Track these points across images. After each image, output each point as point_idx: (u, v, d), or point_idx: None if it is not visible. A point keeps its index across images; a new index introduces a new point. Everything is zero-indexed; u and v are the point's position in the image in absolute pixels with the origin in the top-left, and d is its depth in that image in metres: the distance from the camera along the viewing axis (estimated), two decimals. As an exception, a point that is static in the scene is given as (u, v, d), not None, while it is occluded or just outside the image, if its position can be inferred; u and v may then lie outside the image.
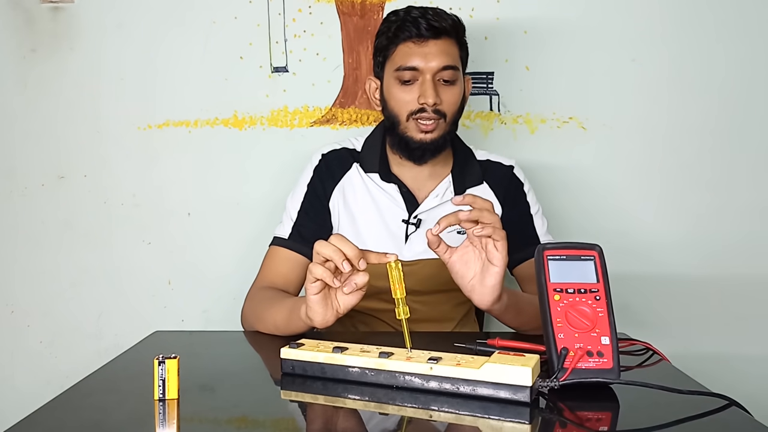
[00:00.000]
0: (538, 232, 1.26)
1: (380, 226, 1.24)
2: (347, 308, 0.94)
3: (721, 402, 0.78)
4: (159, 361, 0.78)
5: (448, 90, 1.19)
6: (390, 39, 1.21)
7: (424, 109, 1.17)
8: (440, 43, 1.18)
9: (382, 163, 1.26)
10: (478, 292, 0.96)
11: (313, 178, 1.27)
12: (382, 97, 1.25)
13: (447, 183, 1.26)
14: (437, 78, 1.18)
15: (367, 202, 1.25)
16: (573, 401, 0.79)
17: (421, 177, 1.26)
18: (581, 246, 0.87)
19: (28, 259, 1.62)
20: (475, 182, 1.27)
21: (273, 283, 1.22)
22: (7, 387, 1.63)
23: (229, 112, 1.59)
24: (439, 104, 1.18)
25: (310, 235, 1.21)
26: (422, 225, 1.23)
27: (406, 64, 1.18)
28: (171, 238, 1.62)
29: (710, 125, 1.57)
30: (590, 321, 0.82)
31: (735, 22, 1.55)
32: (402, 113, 1.20)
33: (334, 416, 0.78)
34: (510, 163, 1.31)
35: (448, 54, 1.18)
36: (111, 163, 1.61)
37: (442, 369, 0.79)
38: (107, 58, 1.58)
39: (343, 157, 1.29)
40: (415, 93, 1.18)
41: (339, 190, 1.26)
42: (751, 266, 1.59)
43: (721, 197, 1.58)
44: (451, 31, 1.19)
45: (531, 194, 1.30)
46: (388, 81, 1.22)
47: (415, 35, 1.17)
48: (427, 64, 1.17)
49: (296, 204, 1.26)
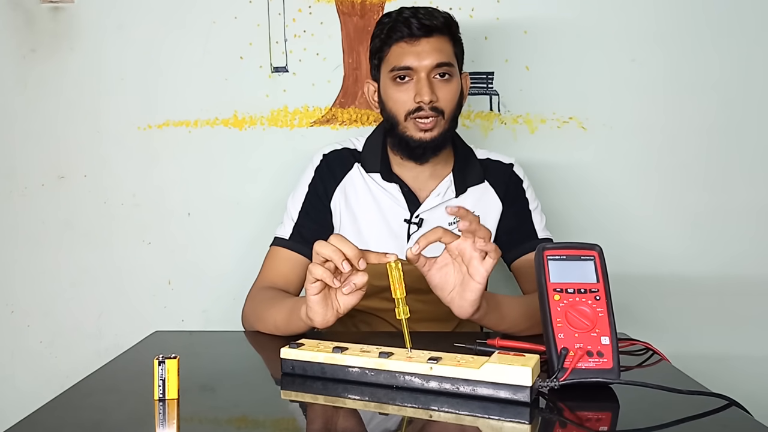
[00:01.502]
0: (537, 228, 1.27)
1: (382, 225, 1.24)
2: (347, 308, 0.94)
3: (721, 402, 0.78)
4: (159, 361, 0.78)
5: (445, 87, 1.19)
6: (383, 41, 1.22)
7: (421, 108, 1.18)
8: (433, 41, 1.19)
9: (383, 163, 1.26)
10: (457, 305, 0.96)
11: (315, 179, 1.27)
12: (380, 99, 1.26)
13: (448, 182, 1.26)
14: (432, 75, 1.18)
15: (369, 202, 1.26)
16: (573, 401, 0.79)
17: (423, 176, 1.26)
18: (581, 246, 0.87)
19: (28, 259, 1.62)
20: (476, 181, 1.28)
21: (273, 284, 1.22)
22: (7, 387, 1.63)
23: (229, 112, 1.59)
24: (436, 101, 1.18)
25: (310, 236, 1.21)
26: (424, 224, 1.23)
27: (400, 64, 1.19)
28: (171, 238, 1.62)
29: (709, 124, 1.57)
30: (590, 321, 0.82)
31: (732, 22, 1.55)
32: (400, 113, 1.20)
33: (334, 416, 0.78)
34: (510, 161, 1.32)
35: (441, 51, 1.19)
36: (111, 163, 1.61)
37: (442, 369, 0.79)
38: (107, 58, 1.58)
39: (344, 157, 1.29)
40: (411, 92, 1.18)
41: (341, 190, 1.26)
42: (751, 266, 1.59)
43: (720, 196, 1.58)
44: (443, 29, 1.20)
45: (530, 191, 1.31)
46: (384, 82, 1.23)
47: (407, 35, 1.18)
48: (421, 63, 1.17)
49: (297, 204, 1.26)
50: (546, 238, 1.27)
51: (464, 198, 1.26)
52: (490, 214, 1.27)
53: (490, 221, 1.26)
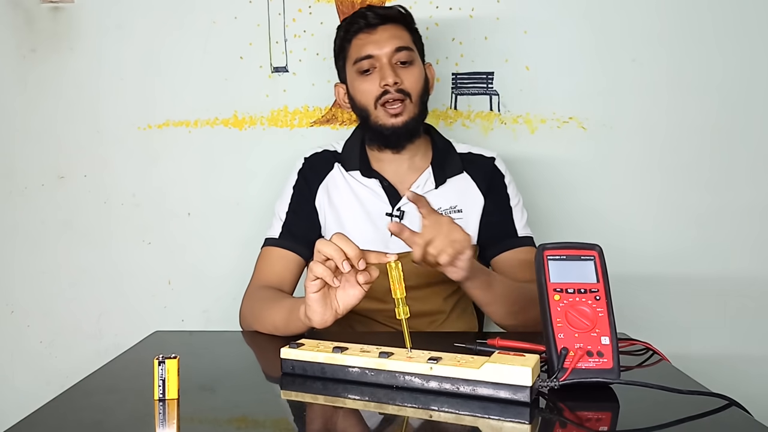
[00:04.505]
0: (517, 225, 1.28)
1: (365, 221, 1.27)
2: (347, 308, 0.94)
3: (721, 402, 0.78)
4: (159, 361, 0.78)
5: (407, 70, 1.24)
6: (343, 38, 1.29)
7: (387, 92, 1.22)
8: (389, 28, 1.25)
9: (362, 161, 1.30)
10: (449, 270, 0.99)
11: (299, 180, 1.31)
12: (350, 98, 1.30)
13: (427, 174, 1.29)
14: (394, 61, 1.24)
15: (351, 199, 1.28)
16: (573, 401, 0.79)
17: (402, 170, 1.29)
18: (581, 246, 0.87)
19: (28, 259, 1.62)
20: (455, 172, 1.30)
21: (268, 282, 1.23)
22: (7, 387, 1.63)
23: (229, 112, 1.59)
24: (401, 84, 1.22)
25: (300, 233, 1.26)
26: (405, 216, 1.26)
27: (361, 54, 1.24)
28: (171, 238, 1.62)
29: (710, 125, 1.57)
30: (590, 321, 0.82)
31: (734, 22, 1.55)
32: (369, 103, 1.24)
33: (334, 416, 0.78)
34: (492, 155, 1.34)
35: (399, 37, 1.25)
36: (111, 163, 1.61)
37: (442, 369, 0.79)
38: (107, 58, 1.58)
39: (325, 159, 1.33)
40: (376, 80, 1.23)
41: (323, 189, 1.30)
42: (751, 266, 1.59)
43: (720, 197, 1.58)
44: (398, 18, 1.27)
45: (512, 186, 1.32)
46: (351, 78, 1.28)
47: (364, 26, 1.25)
48: (381, 50, 1.23)
49: (284, 206, 1.30)
50: (526, 236, 1.28)
51: (445, 190, 1.28)
52: (473, 208, 1.28)
53: (472, 215, 1.28)
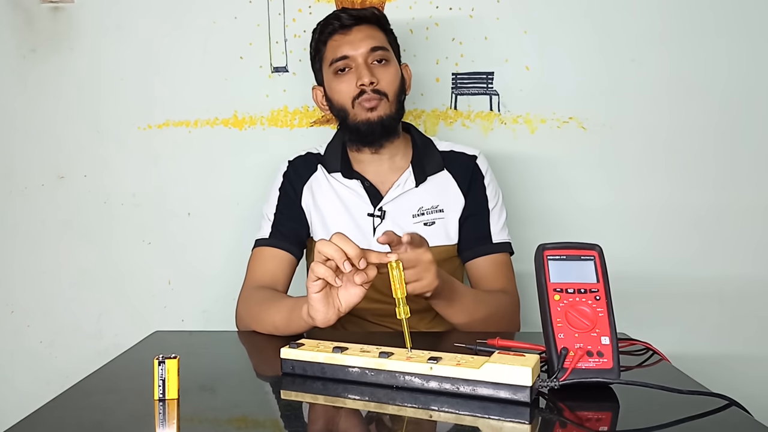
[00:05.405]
0: (492, 230, 1.29)
1: (348, 221, 1.28)
2: (349, 307, 0.94)
3: (721, 402, 0.78)
4: (159, 361, 0.78)
5: (383, 70, 1.25)
6: (318, 40, 1.31)
7: (364, 91, 1.23)
8: (364, 28, 1.26)
9: (343, 163, 1.31)
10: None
11: (284, 182, 1.33)
12: (328, 100, 1.31)
13: (408, 174, 1.30)
14: (370, 61, 1.25)
15: (334, 200, 1.30)
16: (573, 401, 0.79)
17: (382, 170, 1.30)
18: (581, 246, 0.87)
19: (28, 259, 1.62)
20: (435, 169, 1.31)
21: (262, 282, 1.24)
22: (7, 387, 1.63)
23: (229, 112, 1.59)
24: (377, 84, 1.23)
25: (289, 232, 1.28)
26: (387, 216, 1.27)
27: (337, 55, 1.25)
28: (171, 238, 1.62)
29: (711, 125, 1.57)
30: (590, 321, 0.82)
31: (735, 21, 1.55)
32: (346, 102, 1.25)
33: (334, 416, 0.78)
34: (474, 153, 1.34)
35: (373, 37, 1.26)
36: (111, 163, 1.61)
37: (442, 369, 0.79)
38: (107, 58, 1.58)
39: (308, 161, 1.35)
40: (352, 80, 1.25)
41: (308, 190, 1.32)
42: (752, 266, 1.59)
43: (721, 197, 1.58)
44: (372, 19, 1.28)
45: (491, 186, 1.32)
46: (327, 80, 1.29)
47: (339, 27, 1.27)
48: (357, 51, 1.25)
49: (272, 207, 1.32)
50: (500, 242, 1.28)
51: (425, 188, 1.29)
52: (454, 208, 1.29)
53: (453, 214, 1.29)
